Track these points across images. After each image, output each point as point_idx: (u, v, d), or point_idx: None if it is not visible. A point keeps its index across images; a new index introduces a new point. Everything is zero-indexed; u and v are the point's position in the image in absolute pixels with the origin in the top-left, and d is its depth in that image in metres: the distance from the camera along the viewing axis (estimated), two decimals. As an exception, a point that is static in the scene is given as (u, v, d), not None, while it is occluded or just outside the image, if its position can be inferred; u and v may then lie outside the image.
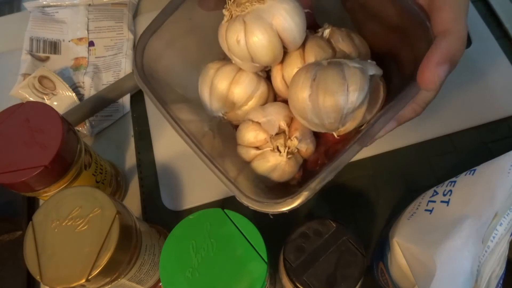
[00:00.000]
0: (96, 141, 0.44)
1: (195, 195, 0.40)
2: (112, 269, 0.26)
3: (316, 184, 0.25)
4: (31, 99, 0.43)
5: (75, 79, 0.46)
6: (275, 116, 0.29)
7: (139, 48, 0.29)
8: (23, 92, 0.43)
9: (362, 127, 0.27)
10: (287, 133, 0.29)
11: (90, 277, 0.24)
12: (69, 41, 0.48)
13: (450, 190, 0.27)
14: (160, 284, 0.30)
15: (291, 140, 0.29)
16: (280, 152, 0.28)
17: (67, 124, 0.31)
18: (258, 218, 0.38)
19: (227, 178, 0.26)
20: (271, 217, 0.26)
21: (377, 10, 0.30)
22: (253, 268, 0.25)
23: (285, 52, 0.29)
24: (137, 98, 0.45)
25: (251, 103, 0.31)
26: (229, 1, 0.28)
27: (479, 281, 0.24)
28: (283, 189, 0.30)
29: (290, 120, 0.30)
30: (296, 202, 0.25)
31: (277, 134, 0.29)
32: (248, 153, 0.29)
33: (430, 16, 0.26)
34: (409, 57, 0.28)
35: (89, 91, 0.45)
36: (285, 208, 0.25)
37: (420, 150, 0.40)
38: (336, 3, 0.33)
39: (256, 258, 0.25)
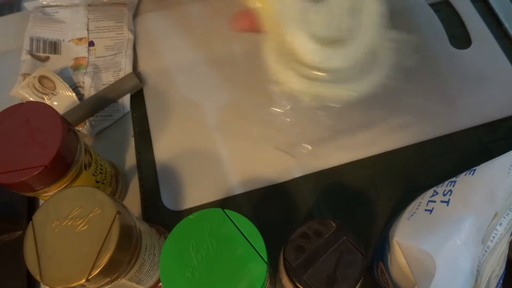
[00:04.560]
0: (96, 141, 0.44)
1: (195, 195, 0.40)
2: (112, 269, 0.26)
3: None
4: (31, 99, 0.43)
5: (75, 79, 0.46)
6: None
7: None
8: (23, 92, 0.43)
9: None
10: None
11: (90, 277, 0.24)
12: (69, 41, 0.48)
13: (450, 190, 0.27)
14: (160, 284, 0.30)
15: None
16: None
17: (67, 124, 0.31)
18: (258, 218, 0.38)
19: None
20: None
21: None
22: (253, 268, 0.25)
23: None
24: (137, 98, 0.45)
25: None
26: None
27: (479, 281, 0.24)
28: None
29: None
30: None
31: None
32: None
33: None
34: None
35: (89, 91, 0.45)
36: None
37: (420, 150, 0.40)
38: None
39: (256, 258, 0.25)
